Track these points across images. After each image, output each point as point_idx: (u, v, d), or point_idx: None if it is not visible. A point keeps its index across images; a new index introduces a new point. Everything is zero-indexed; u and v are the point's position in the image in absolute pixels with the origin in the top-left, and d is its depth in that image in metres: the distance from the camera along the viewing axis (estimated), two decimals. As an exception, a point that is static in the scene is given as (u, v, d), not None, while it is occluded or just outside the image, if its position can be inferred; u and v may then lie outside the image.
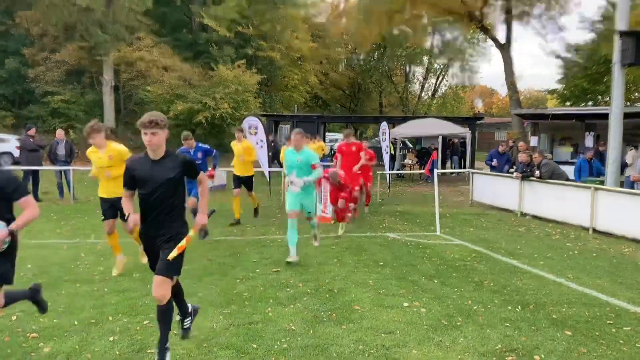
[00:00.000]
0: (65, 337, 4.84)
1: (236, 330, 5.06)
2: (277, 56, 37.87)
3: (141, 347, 4.62)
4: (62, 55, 32.23)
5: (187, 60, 35.18)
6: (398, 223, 11.81)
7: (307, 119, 30.89)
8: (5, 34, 33.39)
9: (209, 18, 34.59)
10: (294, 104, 43.53)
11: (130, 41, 33.65)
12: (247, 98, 33.11)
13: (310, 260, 7.94)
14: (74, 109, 32.77)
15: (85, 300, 5.90)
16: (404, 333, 5.05)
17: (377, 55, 47.16)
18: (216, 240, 9.43)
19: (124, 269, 7.24)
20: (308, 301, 5.96)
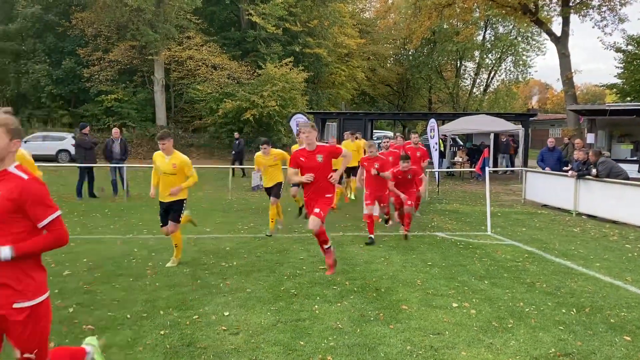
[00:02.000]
0: (118, 329, 4.97)
1: (283, 326, 5.08)
2: (324, 53, 37.91)
3: (191, 342, 4.69)
4: (115, 54, 33.24)
5: (235, 59, 35.66)
6: (447, 222, 11.62)
7: (354, 116, 30.83)
8: (62, 35, 34.69)
9: (257, 15, 34.93)
10: (341, 101, 43.48)
11: (180, 40, 34.37)
12: (294, 95, 33.28)
13: (357, 259, 7.90)
14: (127, 108, 33.76)
15: (138, 294, 6.05)
16: (453, 334, 4.95)
17: (426, 50, 46.54)
18: (264, 238, 9.51)
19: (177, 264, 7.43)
20: (355, 300, 5.93)
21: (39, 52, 34.16)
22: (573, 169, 13.07)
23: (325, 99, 41.73)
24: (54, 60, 34.09)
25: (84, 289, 6.21)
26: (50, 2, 34.12)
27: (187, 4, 33.07)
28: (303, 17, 37.52)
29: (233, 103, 31.73)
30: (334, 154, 6.47)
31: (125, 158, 15.65)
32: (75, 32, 34.20)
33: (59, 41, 34.74)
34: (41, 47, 34.31)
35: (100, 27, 33.80)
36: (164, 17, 32.77)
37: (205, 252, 8.22)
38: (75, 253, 7.95)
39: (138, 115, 34.33)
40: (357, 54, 44.29)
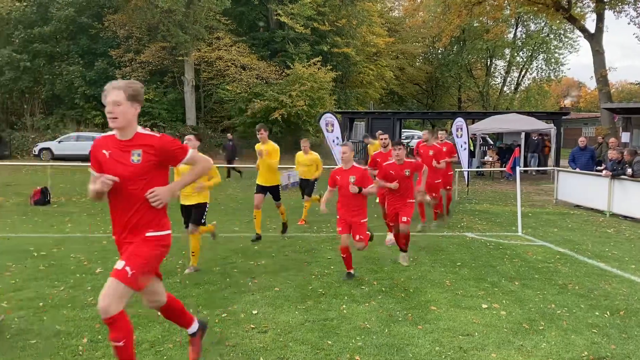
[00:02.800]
0: (149, 326, 5.05)
1: (311, 326, 5.09)
2: (352, 52, 37.85)
3: (220, 339, 4.74)
4: (146, 56, 33.78)
5: (263, 59, 35.86)
6: (477, 222, 11.49)
7: (382, 115, 30.71)
8: (94, 37, 35.39)
9: (285, 15, 35.06)
10: (369, 100, 43.35)
11: (210, 41, 34.72)
12: (323, 95, 33.32)
13: (385, 259, 7.88)
14: (157, 108, 34.26)
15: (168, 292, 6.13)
16: (482, 336, 4.89)
17: (456, 48, 46.05)
18: (292, 237, 9.54)
19: None
20: (383, 300, 5.91)
21: (73, 54, 34.90)
22: (607, 168, 12.78)
23: (354, 98, 41.66)
24: (87, 61, 34.78)
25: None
26: (83, 5, 34.81)
27: (216, 5, 33.40)
28: (331, 17, 37.52)
29: (261, 103, 31.92)
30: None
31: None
32: (107, 34, 34.85)
33: (92, 43, 35.44)
34: (75, 49, 35.05)
35: (132, 28, 34.38)
36: (193, 18, 33.16)
37: (234, 251, 8.29)
38: (107, 251, 8.11)
39: (168, 116, 34.81)
40: (385, 52, 44.09)
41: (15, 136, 32.55)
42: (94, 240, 8.97)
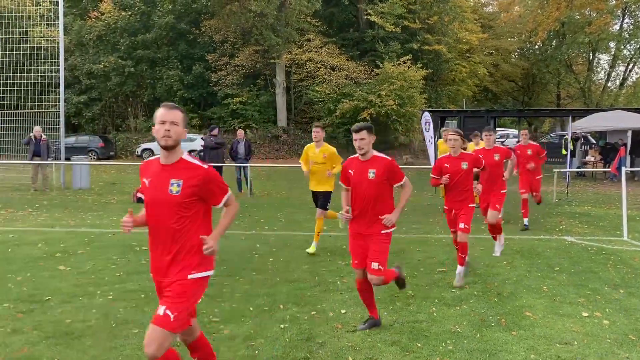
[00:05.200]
0: (242, 321, 5.21)
1: (400, 327, 5.04)
2: (443, 49, 37.09)
3: (309, 337, 4.80)
4: (240, 59, 34.96)
5: (353, 59, 35.97)
6: (577, 225, 10.87)
7: (475, 113, 29.85)
8: (192, 42, 37.12)
9: (375, 15, 34.98)
10: (461, 98, 42.30)
11: (300, 43, 35.32)
12: (413, 94, 32.90)
13: (477, 262, 7.65)
14: (250, 110, 35.35)
15: (260, 288, 6.30)
16: (582, 345, 4.62)
17: (554, 43, 43.80)
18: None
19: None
20: (475, 304, 5.74)
21: (172, 59, 36.78)
22: None
23: (445, 96, 40.81)
24: (185, 66, 36.53)
25: (211, 282, 6.53)
26: (182, 12, 36.59)
27: (307, 7, 33.92)
28: (422, 14, 36.98)
29: (350, 103, 32.03)
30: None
31: (249, 158, 16.39)
32: (204, 39, 36.43)
33: (190, 48, 37.18)
34: (174, 54, 36.92)
35: (227, 33, 35.70)
36: (285, 20, 33.89)
37: (323, 250, 8.38)
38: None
39: (261, 117, 35.81)
40: (478, 49, 42.83)
41: (120, 137, 34.82)
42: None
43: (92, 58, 35.94)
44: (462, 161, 6.50)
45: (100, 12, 36.83)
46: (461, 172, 6.47)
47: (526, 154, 10.50)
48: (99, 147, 30.95)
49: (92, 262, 7.48)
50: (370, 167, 4.84)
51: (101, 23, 36.31)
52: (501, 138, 33.29)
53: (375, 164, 4.85)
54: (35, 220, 11.10)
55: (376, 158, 4.89)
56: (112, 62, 34.93)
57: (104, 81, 35.59)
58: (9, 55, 20.39)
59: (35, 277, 6.62)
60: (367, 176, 4.81)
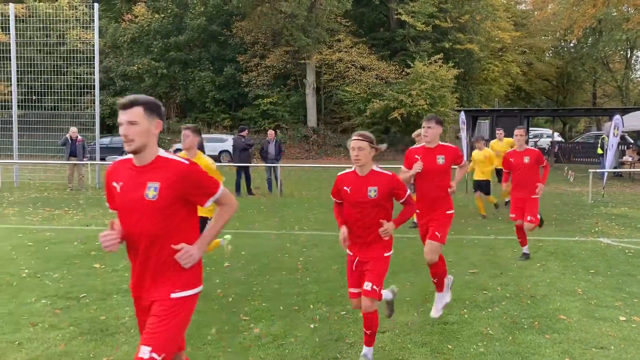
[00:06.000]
0: (272, 320, 5.24)
1: (431, 329, 5.00)
2: (475, 48, 36.67)
3: (339, 337, 4.80)
4: (270, 60, 35.20)
5: (383, 59, 35.86)
6: (614, 227, 10.61)
7: (508, 113, 29.41)
8: (223, 44, 37.54)
9: (406, 14, 34.80)
10: (493, 97, 41.73)
11: (331, 43, 35.37)
12: (444, 93, 32.61)
13: (509, 264, 7.53)
14: (280, 110, 35.56)
15: (290, 288, 6.33)
16: (619, 350, 4.51)
17: (590, 40, 42.83)
18: (411, 238, 9.43)
19: None
20: (507, 306, 5.65)
21: (204, 60, 37.24)
22: None
23: (477, 95, 40.34)
24: (217, 67, 36.95)
25: (241, 280, 6.64)
26: (213, 14, 37.03)
27: (338, 8, 33.94)
28: (454, 13, 36.64)
29: (381, 103, 31.91)
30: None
31: (279, 158, 16.48)
32: (235, 41, 36.80)
33: (221, 50, 37.59)
34: (206, 56, 37.38)
35: (258, 34, 35.99)
36: (315, 21, 33.97)
37: (353, 250, 8.36)
38: (234, 246, 8.53)
39: (291, 118, 35.99)
40: (511, 48, 42.19)
41: (154, 137, 35.37)
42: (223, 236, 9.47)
43: (126, 60, 36.66)
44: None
45: (134, 15, 37.57)
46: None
47: (522, 162, 7.50)
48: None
49: (126, 260, 7.56)
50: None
51: (135, 26, 37.02)
52: (534, 138, 32.70)
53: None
54: (72, 219, 11.37)
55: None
56: (145, 64, 35.58)
57: (138, 83, 36.25)
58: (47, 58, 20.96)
59: (71, 275, 6.78)
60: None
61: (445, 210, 5.29)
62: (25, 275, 6.75)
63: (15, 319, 5.17)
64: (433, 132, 5.24)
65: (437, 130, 5.30)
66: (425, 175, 5.27)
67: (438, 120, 5.34)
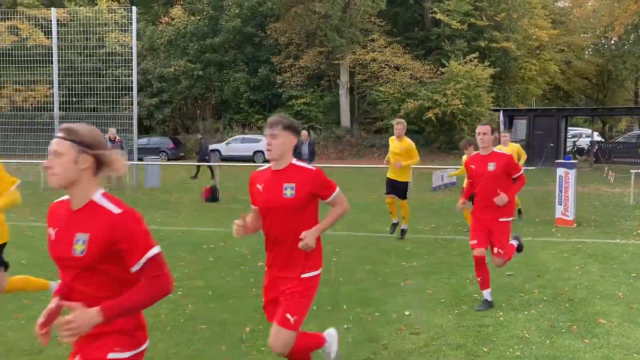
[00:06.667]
0: (305, 320, 5.25)
1: (466, 331, 4.94)
2: (512, 47, 36.05)
3: (372, 338, 4.79)
4: (304, 61, 35.32)
5: (418, 58, 35.59)
6: (656, 229, 10.29)
7: (545, 112, 28.82)
8: (258, 45, 37.87)
9: (441, 13, 34.48)
10: (530, 96, 40.96)
11: (364, 43, 35.28)
12: (479, 93, 32.17)
13: (547, 266, 7.38)
14: (314, 111, 35.65)
15: (322, 288, 6.29)
16: (663, 357, 4.37)
17: (632, 37, 41.62)
18: (445, 239, 9.34)
19: None
20: (544, 309, 5.54)
21: (239, 61, 37.63)
22: None
23: (513, 95, 39.64)
24: (251, 68, 37.29)
25: (275, 280, 6.68)
26: (248, 16, 37.37)
27: (372, 8, 33.84)
28: (489, 11, 36.10)
29: (415, 103, 31.67)
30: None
31: (312, 159, 16.54)
32: (269, 42, 37.07)
33: (256, 51, 37.92)
34: (240, 57, 37.77)
35: (292, 35, 36.16)
36: (349, 21, 33.95)
37: (385, 251, 8.33)
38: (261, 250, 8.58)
39: (324, 118, 36.05)
40: (549, 46, 41.30)
41: (189, 139, 35.95)
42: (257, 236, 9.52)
43: (163, 62, 37.31)
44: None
45: (170, 17, 38.22)
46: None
47: (484, 171, 5.51)
48: (169, 148, 32.07)
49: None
50: None
51: (171, 28, 37.65)
52: (573, 138, 31.94)
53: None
54: (110, 218, 11.62)
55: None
56: (181, 65, 36.15)
57: (174, 84, 36.86)
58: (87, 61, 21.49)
59: (110, 272, 6.93)
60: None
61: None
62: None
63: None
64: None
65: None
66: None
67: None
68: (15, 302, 5.69)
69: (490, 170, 5.46)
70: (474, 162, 5.68)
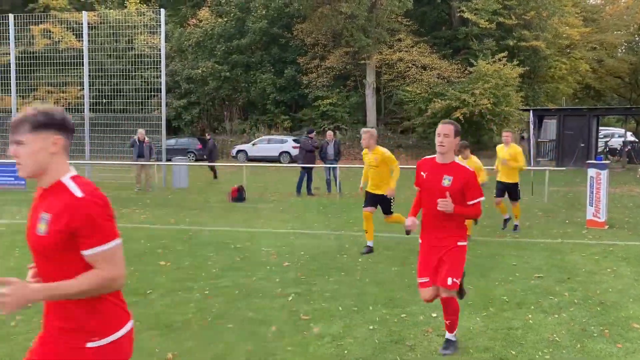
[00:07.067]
0: (331, 320, 5.25)
1: (494, 334, 4.87)
2: (542, 45, 35.47)
3: (398, 339, 4.76)
4: (330, 61, 35.33)
5: (445, 58, 35.28)
6: (692, 231, 10.00)
7: (576, 112, 28.26)
8: (284, 46, 38.03)
9: (469, 12, 34.12)
10: (560, 96, 40.24)
11: (391, 43, 35.13)
12: (508, 92, 31.73)
13: (578, 268, 7.23)
14: (340, 111, 35.63)
15: (349, 288, 6.33)
16: (699, 363, 4.24)
17: (667, 34, 40.64)
18: (472, 241, 9.23)
19: None
20: (575, 312, 5.43)
21: (265, 62, 37.83)
22: None
23: (543, 94, 38.99)
24: (278, 69, 37.45)
25: (301, 280, 6.70)
26: (275, 17, 37.55)
27: (399, 7, 33.66)
28: (518, 10, 35.58)
29: (442, 103, 31.40)
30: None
31: (338, 159, 16.51)
32: (295, 43, 37.18)
33: (282, 52, 38.08)
34: (267, 58, 37.96)
35: (318, 36, 36.20)
36: (376, 21, 33.83)
37: (413, 252, 8.25)
38: (294, 246, 8.62)
39: (350, 118, 35.98)
40: (580, 44, 40.52)
41: (217, 140, 36.25)
42: (282, 236, 9.59)
43: (191, 64, 37.72)
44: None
45: (198, 19, 38.63)
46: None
47: (436, 184, 4.41)
48: (197, 148, 32.38)
49: (190, 258, 7.84)
50: None
51: (199, 30, 38.05)
52: (605, 138, 31.25)
53: None
54: (139, 217, 11.80)
55: None
56: (209, 67, 36.50)
57: (202, 85, 37.23)
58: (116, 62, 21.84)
59: (138, 272, 7.03)
60: None
61: None
62: (96, 270, 7.06)
63: (87, 312, 5.42)
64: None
65: None
66: None
67: None
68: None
69: (444, 186, 4.27)
70: (426, 169, 4.51)
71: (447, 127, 4.30)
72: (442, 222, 4.35)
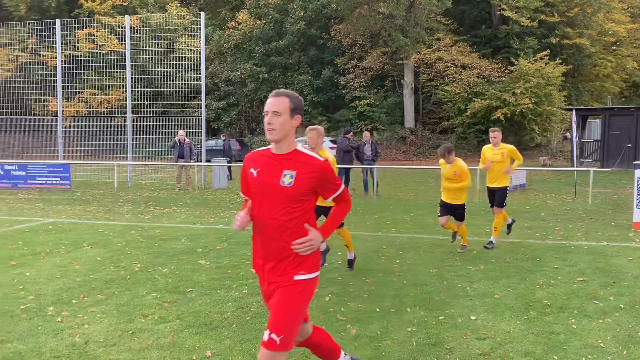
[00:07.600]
0: (368, 322, 5.23)
1: (535, 338, 4.76)
2: (586, 43, 34.56)
3: (437, 342, 4.70)
4: (368, 61, 35.26)
5: (485, 57, 34.78)
6: None
7: (622, 111, 27.42)
8: (322, 47, 38.13)
9: (509, 10, 33.52)
10: (606, 95, 39.11)
11: (430, 42, 34.82)
12: (550, 91, 31.04)
13: (624, 272, 7.00)
14: (377, 112, 35.53)
15: (386, 290, 6.29)
16: None
17: None
18: (513, 243, 9.06)
19: None
20: (621, 318, 5.26)
21: (303, 64, 38.02)
22: None
23: (587, 93, 37.98)
24: (315, 70, 37.59)
25: (338, 281, 6.70)
26: (312, 18, 37.70)
27: (437, 7, 33.34)
28: (561, 7, 34.77)
29: (482, 102, 30.95)
30: None
31: (376, 159, 16.44)
32: (333, 44, 37.24)
33: (320, 53, 38.19)
34: (304, 60, 38.14)
35: (356, 36, 36.18)
36: (414, 21, 33.58)
37: (451, 254, 8.17)
38: (331, 246, 8.61)
39: (388, 119, 35.82)
40: (627, 41, 39.31)
41: (255, 140, 36.64)
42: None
43: (230, 66, 38.22)
44: None
45: (237, 22, 39.13)
46: None
47: (275, 183, 3.13)
48: (236, 149, 32.78)
49: (229, 257, 7.93)
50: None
51: (238, 32, 38.53)
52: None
53: None
54: (179, 217, 12.02)
55: None
56: (248, 69, 36.92)
57: (241, 87, 37.68)
58: (157, 65, 22.28)
59: (178, 270, 7.16)
60: None
61: None
62: (137, 269, 7.22)
63: (129, 310, 5.55)
64: None
65: None
66: None
67: None
68: (91, 297, 5.98)
69: (283, 186, 3.08)
70: None
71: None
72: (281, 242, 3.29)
